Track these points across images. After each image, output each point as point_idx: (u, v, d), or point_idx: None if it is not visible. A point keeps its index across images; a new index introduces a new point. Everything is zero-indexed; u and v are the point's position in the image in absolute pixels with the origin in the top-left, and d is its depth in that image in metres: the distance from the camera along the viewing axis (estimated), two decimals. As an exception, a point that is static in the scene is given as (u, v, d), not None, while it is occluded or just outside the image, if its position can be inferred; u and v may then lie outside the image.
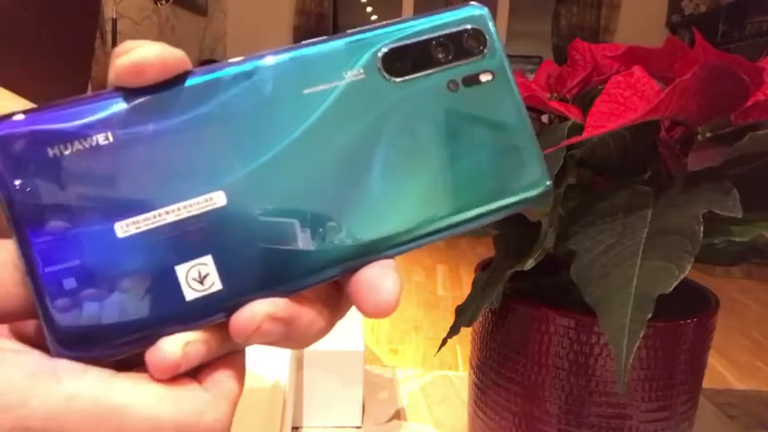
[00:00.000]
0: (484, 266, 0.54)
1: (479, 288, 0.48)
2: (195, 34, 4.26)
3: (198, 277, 0.18)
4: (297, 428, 0.66)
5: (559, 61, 0.52)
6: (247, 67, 0.20)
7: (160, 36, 3.88)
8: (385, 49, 0.21)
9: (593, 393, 0.45)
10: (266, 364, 0.55)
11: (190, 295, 0.18)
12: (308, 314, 0.19)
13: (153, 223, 0.18)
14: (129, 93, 0.19)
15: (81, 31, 0.64)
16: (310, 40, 0.20)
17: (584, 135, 0.39)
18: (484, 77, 0.21)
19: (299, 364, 0.64)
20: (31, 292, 0.17)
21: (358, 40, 0.21)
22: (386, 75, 0.20)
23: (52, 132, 0.18)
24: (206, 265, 0.18)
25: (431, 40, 0.21)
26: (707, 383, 0.51)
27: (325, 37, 0.21)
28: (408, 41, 0.21)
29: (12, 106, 0.35)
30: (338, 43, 0.20)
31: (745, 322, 1.48)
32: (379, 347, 1.12)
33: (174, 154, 0.19)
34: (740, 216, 0.36)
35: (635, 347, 0.35)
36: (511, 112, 0.21)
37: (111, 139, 0.18)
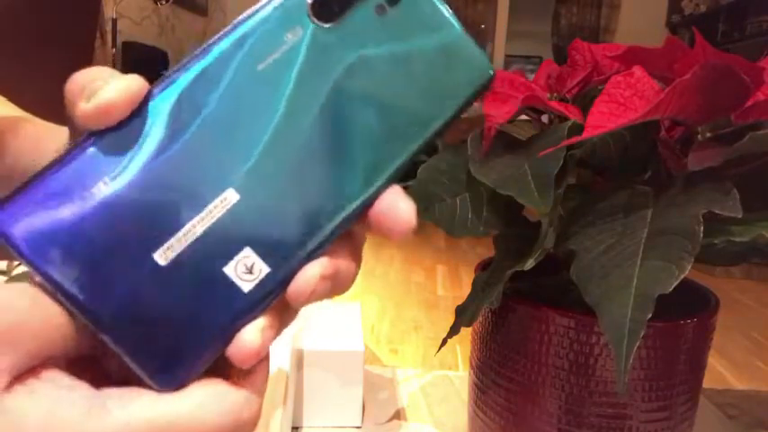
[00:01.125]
0: (484, 266, 0.54)
1: (479, 288, 0.48)
2: (195, 34, 4.26)
3: (246, 269, 0.19)
4: (297, 428, 0.66)
5: (559, 61, 0.52)
6: (199, 66, 0.20)
7: (160, 36, 3.88)
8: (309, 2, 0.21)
9: (593, 393, 0.45)
10: (266, 364, 0.55)
11: (246, 287, 0.20)
12: (344, 264, 0.21)
13: (186, 241, 0.19)
14: (102, 133, 0.19)
15: (81, 31, 0.64)
16: (239, 18, 0.21)
17: (585, 135, 0.39)
18: None
19: (299, 364, 0.64)
20: (114, 350, 0.19)
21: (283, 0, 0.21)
22: (319, 23, 0.21)
23: (53, 202, 0.18)
24: (248, 256, 0.20)
25: None
26: (707, 383, 0.51)
27: (250, 10, 0.21)
28: None
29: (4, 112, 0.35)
30: (266, 9, 0.21)
31: (745, 322, 1.48)
32: (379, 347, 1.12)
33: (171, 173, 0.19)
34: (740, 216, 0.36)
35: (635, 347, 0.35)
36: (438, 16, 0.22)
37: (108, 182, 0.19)
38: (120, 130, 0.19)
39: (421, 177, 0.50)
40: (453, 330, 0.48)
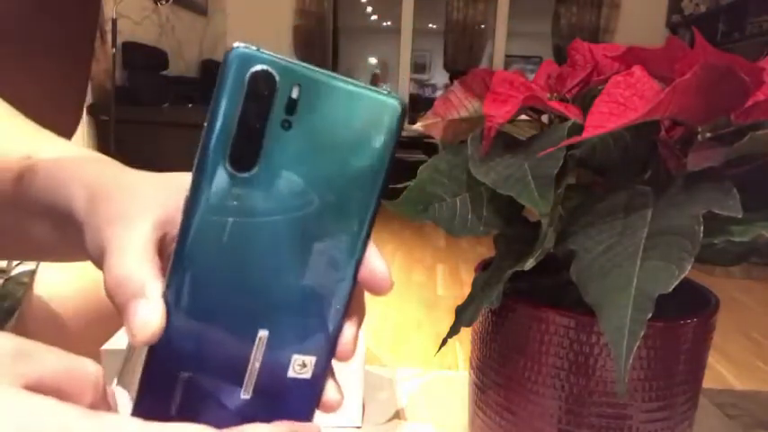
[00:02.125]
0: (484, 266, 0.54)
1: (479, 288, 0.48)
2: (195, 34, 4.26)
3: (301, 366, 0.25)
4: (297, 428, 0.66)
5: (559, 61, 0.52)
6: (182, 259, 0.23)
7: (160, 36, 3.88)
8: (227, 161, 0.22)
9: (593, 393, 0.45)
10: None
11: (308, 375, 0.25)
12: (360, 316, 0.27)
13: (254, 376, 0.24)
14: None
15: (81, 31, 0.64)
16: (186, 199, 0.23)
17: (585, 135, 0.39)
18: (295, 92, 0.23)
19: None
20: None
21: (206, 175, 0.23)
22: (246, 173, 0.23)
23: (161, 402, 0.24)
24: (297, 358, 0.25)
25: (242, 115, 0.22)
26: (707, 383, 0.51)
27: (189, 192, 0.23)
28: (228, 137, 0.22)
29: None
30: (202, 186, 0.23)
31: (745, 322, 1.48)
32: (379, 347, 1.12)
33: (219, 340, 0.24)
34: (740, 216, 0.36)
35: (635, 347, 0.35)
36: (334, 89, 0.23)
37: (187, 373, 0.24)
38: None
39: (421, 177, 0.50)
40: (453, 330, 0.48)
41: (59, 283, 0.61)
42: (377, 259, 0.26)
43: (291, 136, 0.23)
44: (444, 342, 0.49)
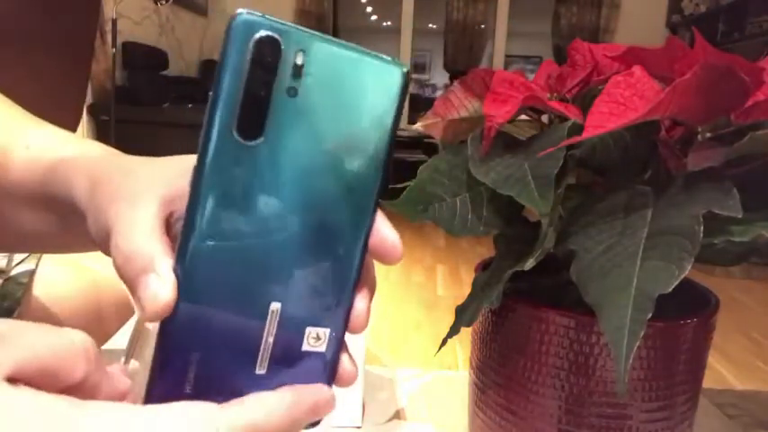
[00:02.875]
0: (484, 266, 0.53)
1: (479, 288, 0.48)
2: (195, 34, 4.26)
3: (315, 338, 0.25)
4: (297, 428, 0.66)
5: (559, 61, 0.52)
6: (191, 233, 0.23)
7: (160, 36, 3.87)
8: (234, 130, 0.22)
9: (593, 393, 0.45)
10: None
11: (323, 347, 0.25)
12: (372, 287, 0.27)
13: (268, 350, 0.24)
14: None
15: (81, 30, 0.64)
16: (193, 176, 0.23)
17: (585, 135, 0.39)
18: (300, 59, 0.22)
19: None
20: None
21: (213, 144, 0.22)
22: (253, 141, 0.23)
23: (176, 382, 0.24)
24: (311, 331, 0.25)
25: (247, 81, 0.22)
26: (707, 383, 0.51)
27: (196, 165, 0.23)
28: (234, 105, 0.22)
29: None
30: (210, 156, 0.22)
31: (745, 322, 1.48)
32: (379, 347, 1.12)
33: (230, 315, 0.24)
34: (740, 216, 0.36)
35: (635, 347, 0.35)
36: (341, 56, 0.23)
37: (200, 351, 0.24)
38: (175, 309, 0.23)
39: (421, 177, 0.50)
40: (453, 330, 0.48)
41: (59, 284, 0.61)
42: (386, 228, 0.25)
43: (297, 102, 0.23)
44: (444, 342, 0.49)
